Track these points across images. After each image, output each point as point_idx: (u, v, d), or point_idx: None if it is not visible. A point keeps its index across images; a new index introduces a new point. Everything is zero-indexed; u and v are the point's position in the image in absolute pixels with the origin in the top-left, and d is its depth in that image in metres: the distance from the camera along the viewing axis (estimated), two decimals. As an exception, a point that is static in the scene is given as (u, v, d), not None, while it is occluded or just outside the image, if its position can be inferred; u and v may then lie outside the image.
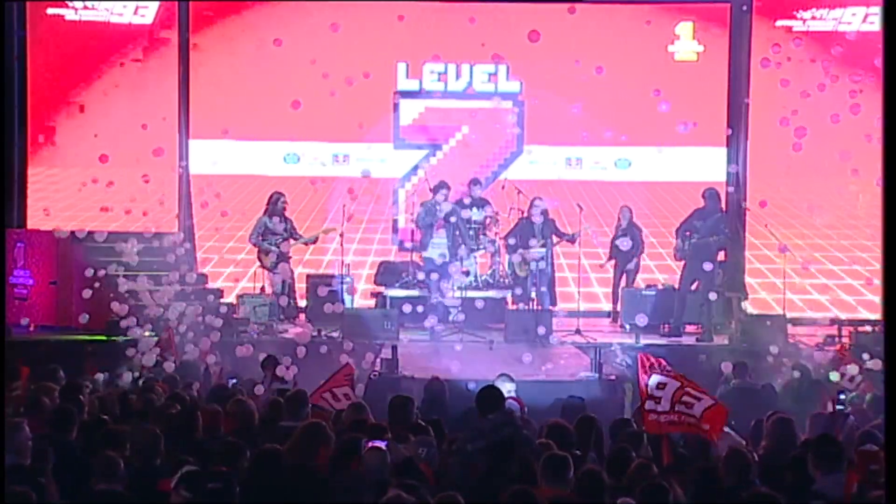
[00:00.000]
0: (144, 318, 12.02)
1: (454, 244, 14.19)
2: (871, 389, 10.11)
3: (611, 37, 15.97)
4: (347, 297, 14.47)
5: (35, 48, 16.03)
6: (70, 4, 16.13)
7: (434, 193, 14.46)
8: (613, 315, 15.01)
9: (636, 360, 8.78)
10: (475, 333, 13.48)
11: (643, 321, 13.18)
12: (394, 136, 16.43)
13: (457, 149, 16.47)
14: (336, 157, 16.42)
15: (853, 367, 10.77)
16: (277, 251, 14.10)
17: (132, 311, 12.01)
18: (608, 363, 12.54)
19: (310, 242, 14.60)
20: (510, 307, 14.25)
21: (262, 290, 14.37)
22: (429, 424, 7.87)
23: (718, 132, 15.79)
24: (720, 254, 14.17)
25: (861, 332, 13.05)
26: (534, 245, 14.04)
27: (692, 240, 13.59)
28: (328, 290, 13.67)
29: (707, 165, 16.09)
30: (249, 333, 13.46)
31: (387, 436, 7.25)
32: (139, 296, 12.41)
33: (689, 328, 14.01)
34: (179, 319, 11.99)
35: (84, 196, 15.14)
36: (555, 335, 13.35)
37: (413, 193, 15.49)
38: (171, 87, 16.09)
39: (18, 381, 9.43)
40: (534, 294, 13.88)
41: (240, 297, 14.42)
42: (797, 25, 15.99)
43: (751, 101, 15.60)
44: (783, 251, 13.66)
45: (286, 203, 14.37)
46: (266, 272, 14.26)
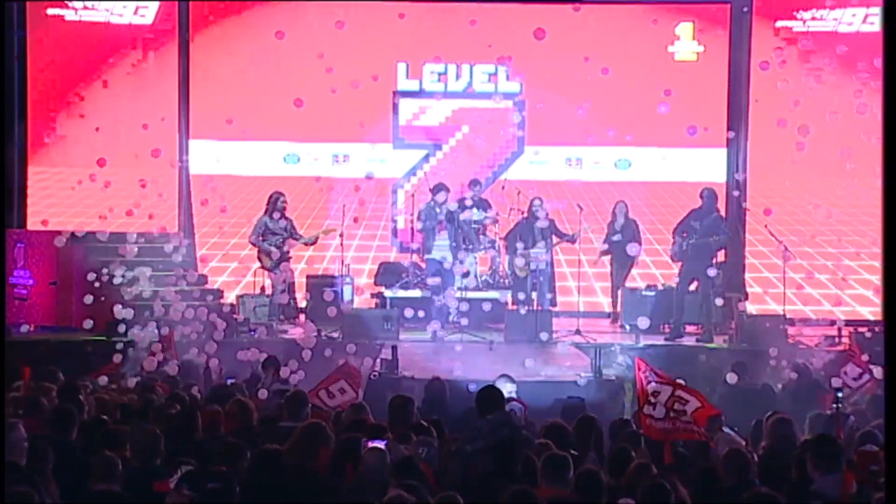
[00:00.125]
0: (145, 319, 12.01)
1: (456, 245, 14.19)
2: (874, 390, 10.12)
3: (611, 37, 15.96)
4: (355, 298, 14.49)
5: (35, 48, 16.02)
6: (70, 4, 16.12)
7: (433, 195, 14.47)
8: (613, 315, 14.99)
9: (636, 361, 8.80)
10: (475, 334, 13.48)
11: (645, 324, 13.15)
12: (393, 137, 16.43)
13: (457, 149, 16.46)
14: (336, 157, 16.42)
15: (854, 369, 10.75)
16: (278, 251, 14.10)
17: (132, 312, 11.99)
18: (608, 364, 12.55)
19: (310, 243, 14.59)
20: (510, 308, 14.25)
21: (262, 290, 14.37)
22: (429, 424, 7.87)
23: (718, 133, 15.78)
24: (720, 254, 14.17)
25: (861, 333, 13.02)
26: (538, 246, 14.05)
27: (690, 240, 13.58)
28: (333, 294, 13.60)
29: (707, 166, 16.09)
30: (249, 333, 13.48)
31: (387, 435, 7.25)
32: (139, 296, 12.40)
33: (689, 328, 14.00)
34: (180, 319, 11.98)
35: (84, 196, 15.14)
36: (555, 336, 13.35)
37: (413, 194, 15.48)
38: (171, 87, 16.09)
39: (20, 382, 9.43)
40: (534, 295, 13.88)
41: (240, 297, 14.44)
42: (797, 26, 15.97)
43: (756, 101, 15.57)
44: (787, 260, 13.68)
45: (286, 203, 14.36)
46: (266, 272, 14.26)
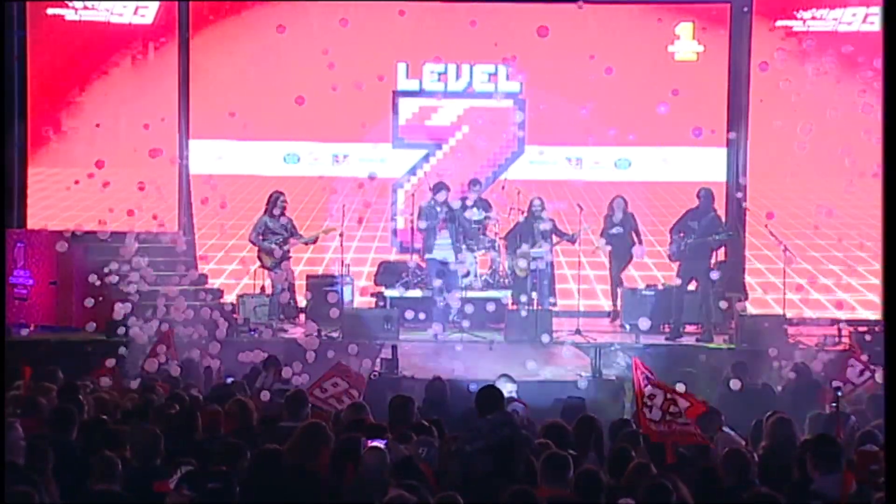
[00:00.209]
0: (145, 319, 12.01)
1: (458, 243, 14.15)
2: (874, 389, 10.11)
3: (611, 37, 15.94)
4: (355, 297, 14.48)
5: (35, 48, 16.02)
6: (70, 4, 16.11)
7: (434, 194, 14.46)
8: (613, 315, 14.99)
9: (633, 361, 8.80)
10: (475, 334, 13.47)
11: (646, 325, 13.14)
12: (393, 136, 16.42)
13: (457, 149, 16.45)
14: (336, 157, 16.41)
15: (856, 365, 10.75)
16: (278, 251, 14.10)
17: (133, 312, 12.00)
18: (608, 364, 12.55)
19: (310, 242, 14.59)
20: (510, 307, 14.25)
21: (262, 290, 14.37)
22: (429, 424, 7.87)
23: (718, 133, 15.77)
24: (719, 253, 14.16)
25: (861, 333, 13.02)
26: (538, 246, 14.05)
27: (689, 240, 13.56)
28: (335, 295, 13.57)
29: (707, 166, 16.09)
30: (249, 333, 13.47)
31: (387, 435, 7.25)
32: (139, 296, 12.40)
33: (689, 328, 14.00)
34: (181, 319, 11.98)
35: (85, 196, 15.13)
36: (555, 336, 13.34)
37: (413, 194, 15.47)
38: (171, 87, 16.09)
39: (20, 381, 9.43)
40: (534, 295, 13.87)
41: (240, 297, 14.44)
42: (797, 25, 15.97)
43: (760, 101, 15.54)
44: (789, 263, 13.68)
45: (286, 202, 14.36)
46: (266, 272, 14.26)
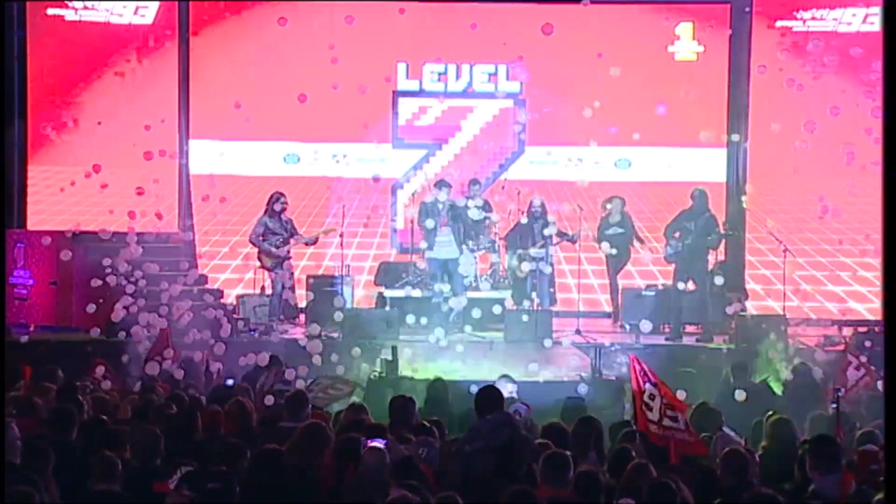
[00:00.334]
0: (145, 319, 12.00)
1: (460, 241, 14.10)
2: (871, 385, 10.13)
3: (610, 37, 15.94)
4: (355, 297, 14.48)
5: (35, 48, 16.02)
6: (70, 4, 16.12)
7: (437, 190, 14.40)
8: (614, 315, 14.99)
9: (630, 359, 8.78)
10: (476, 334, 13.46)
11: (647, 327, 13.11)
12: (393, 137, 16.43)
13: (456, 149, 16.46)
14: (336, 157, 16.41)
15: (854, 364, 10.76)
16: (278, 251, 14.10)
17: (133, 312, 11.99)
18: (608, 364, 12.54)
19: (310, 242, 14.59)
20: (510, 308, 14.24)
21: (263, 290, 14.37)
22: (430, 425, 7.87)
23: (718, 133, 15.75)
24: (719, 254, 14.16)
25: (860, 333, 13.03)
26: (538, 246, 14.06)
27: (685, 241, 13.53)
28: (340, 299, 13.55)
29: (707, 166, 16.09)
30: (250, 333, 13.47)
31: (387, 435, 7.25)
32: (140, 296, 12.39)
33: (690, 328, 13.99)
34: (181, 320, 11.98)
35: (85, 196, 15.14)
36: (555, 336, 13.33)
37: (413, 194, 15.47)
38: (172, 87, 16.09)
39: (21, 381, 9.44)
40: (534, 295, 13.87)
41: (240, 297, 14.44)
42: (797, 26, 15.98)
43: (760, 102, 15.55)
44: (790, 265, 13.72)
45: (286, 203, 14.35)
46: (267, 272, 14.25)
